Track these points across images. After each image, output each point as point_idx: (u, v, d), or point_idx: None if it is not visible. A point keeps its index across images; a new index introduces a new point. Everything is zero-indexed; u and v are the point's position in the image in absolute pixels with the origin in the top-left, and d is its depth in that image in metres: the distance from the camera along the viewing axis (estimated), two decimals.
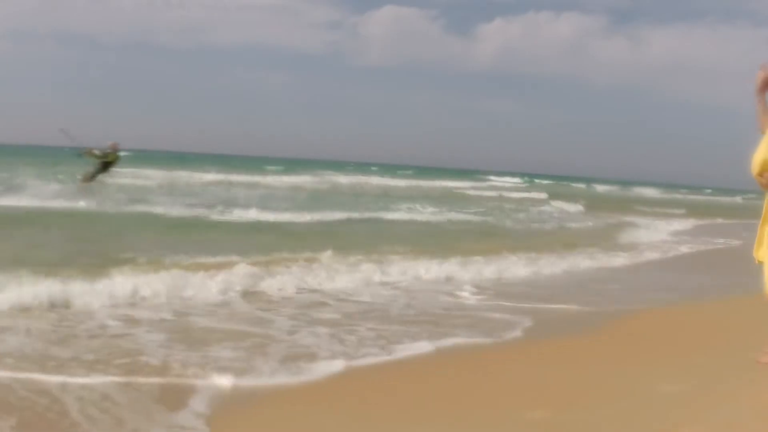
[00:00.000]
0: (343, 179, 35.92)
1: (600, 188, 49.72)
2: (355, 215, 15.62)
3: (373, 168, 63.93)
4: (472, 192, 33.93)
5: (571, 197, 30.65)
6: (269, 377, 4.37)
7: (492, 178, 57.14)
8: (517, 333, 5.69)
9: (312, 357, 4.78)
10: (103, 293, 6.00)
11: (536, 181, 58.01)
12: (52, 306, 5.64)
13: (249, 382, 4.28)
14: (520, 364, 4.91)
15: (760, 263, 4.05)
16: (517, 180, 54.97)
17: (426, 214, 17.80)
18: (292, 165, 53.61)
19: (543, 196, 33.02)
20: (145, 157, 42.06)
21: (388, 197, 24.20)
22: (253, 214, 13.99)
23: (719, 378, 3.89)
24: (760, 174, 3.88)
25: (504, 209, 22.07)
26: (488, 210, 21.05)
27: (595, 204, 27.92)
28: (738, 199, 48.17)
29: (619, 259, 10.83)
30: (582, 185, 55.92)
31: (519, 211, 21.89)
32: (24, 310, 5.51)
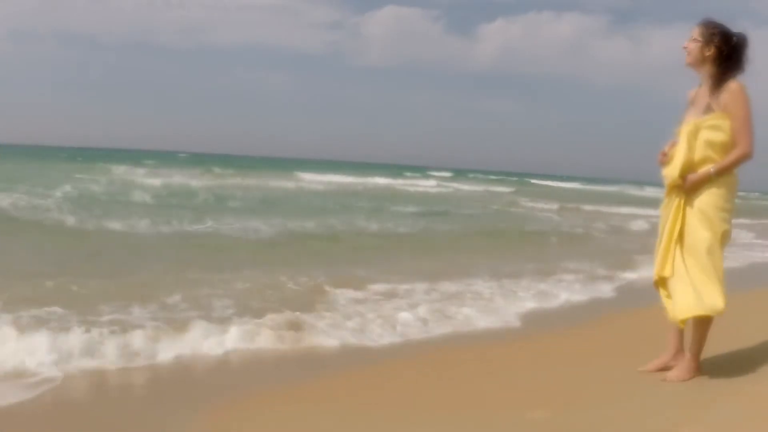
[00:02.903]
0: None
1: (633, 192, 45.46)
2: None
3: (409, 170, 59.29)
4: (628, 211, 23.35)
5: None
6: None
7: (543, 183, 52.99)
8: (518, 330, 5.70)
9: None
10: None
11: (560, 184, 53.56)
12: None
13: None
14: (520, 363, 4.91)
15: (662, 280, 3.91)
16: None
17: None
18: (276, 165, 52.86)
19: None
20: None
21: None
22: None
23: (719, 377, 3.88)
24: (682, 177, 3.77)
25: None
26: None
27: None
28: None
29: None
30: (614, 188, 51.29)
31: None
32: None
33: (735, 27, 3.83)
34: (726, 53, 3.74)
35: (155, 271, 7.48)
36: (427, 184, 40.22)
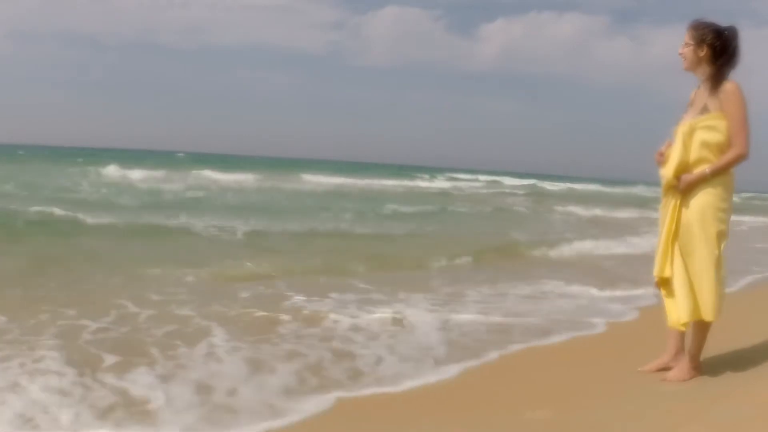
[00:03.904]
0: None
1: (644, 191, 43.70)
2: None
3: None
4: None
5: None
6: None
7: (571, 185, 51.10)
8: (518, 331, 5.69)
9: None
10: None
11: (573, 185, 51.22)
12: None
13: None
14: (520, 363, 4.90)
15: (664, 281, 3.90)
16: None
17: None
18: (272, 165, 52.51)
19: None
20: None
21: None
22: None
23: (719, 377, 3.88)
24: (676, 177, 3.78)
25: None
26: None
27: None
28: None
29: None
30: (634, 189, 48.72)
31: None
32: None
33: (737, 27, 3.81)
34: (719, 48, 3.74)
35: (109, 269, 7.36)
36: (441, 185, 39.43)
